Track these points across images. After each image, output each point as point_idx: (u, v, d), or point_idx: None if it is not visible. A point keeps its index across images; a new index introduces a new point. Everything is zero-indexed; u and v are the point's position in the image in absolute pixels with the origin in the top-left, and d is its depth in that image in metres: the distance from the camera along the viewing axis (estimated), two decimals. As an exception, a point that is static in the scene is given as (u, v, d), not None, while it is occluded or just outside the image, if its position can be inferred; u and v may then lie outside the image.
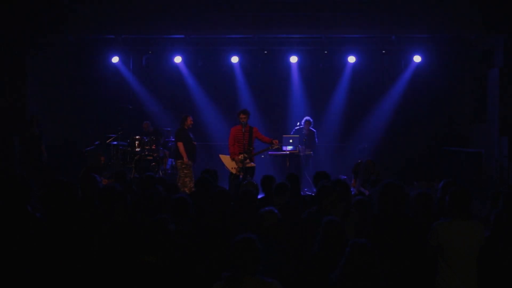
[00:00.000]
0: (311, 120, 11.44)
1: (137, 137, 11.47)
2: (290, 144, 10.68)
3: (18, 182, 3.90)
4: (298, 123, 11.48)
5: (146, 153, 11.18)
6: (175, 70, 13.14)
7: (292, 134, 11.15)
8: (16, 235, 3.80)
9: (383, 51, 12.59)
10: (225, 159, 9.36)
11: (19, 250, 3.79)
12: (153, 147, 11.36)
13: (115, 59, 12.85)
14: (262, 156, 10.81)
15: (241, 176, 9.02)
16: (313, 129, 11.43)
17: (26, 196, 3.97)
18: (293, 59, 12.70)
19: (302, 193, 7.68)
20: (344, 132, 13.11)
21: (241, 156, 9.04)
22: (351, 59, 12.60)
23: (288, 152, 10.81)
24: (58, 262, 4.09)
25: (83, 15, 10.90)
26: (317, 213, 4.71)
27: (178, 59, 12.84)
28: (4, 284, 3.74)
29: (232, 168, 9.23)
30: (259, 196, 5.92)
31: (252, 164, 9.23)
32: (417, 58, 12.50)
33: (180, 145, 9.60)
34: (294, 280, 3.81)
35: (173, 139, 11.92)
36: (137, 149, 11.34)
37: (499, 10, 10.49)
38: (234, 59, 12.80)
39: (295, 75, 13.15)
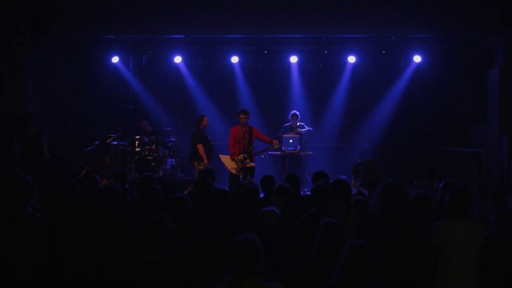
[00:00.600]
0: (298, 113, 11.23)
1: (137, 137, 11.49)
2: (290, 145, 10.67)
3: (18, 181, 3.89)
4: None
5: (146, 153, 11.18)
6: (175, 70, 13.14)
7: (282, 131, 11.09)
8: (15, 235, 3.80)
9: (383, 51, 12.60)
10: (225, 159, 9.37)
11: (18, 250, 3.79)
12: (153, 147, 11.38)
13: (115, 59, 12.86)
14: (262, 156, 10.81)
15: (241, 176, 9.02)
16: (301, 123, 11.27)
17: (26, 196, 3.96)
18: (293, 59, 12.70)
19: (302, 193, 7.67)
20: (344, 132, 13.13)
21: (241, 156, 9.04)
22: (351, 59, 12.61)
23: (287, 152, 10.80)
24: (58, 262, 4.09)
25: (83, 15, 10.90)
26: (317, 214, 4.70)
27: (178, 59, 12.85)
28: (4, 284, 3.74)
29: (232, 168, 9.23)
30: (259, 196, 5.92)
31: (252, 164, 9.23)
32: (417, 58, 12.51)
33: (200, 147, 9.59)
34: (293, 281, 3.81)
35: (173, 139, 11.94)
36: (137, 149, 11.36)
37: (499, 10, 10.49)
38: (234, 59, 12.81)
39: (295, 75, 13.15)
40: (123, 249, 4.11)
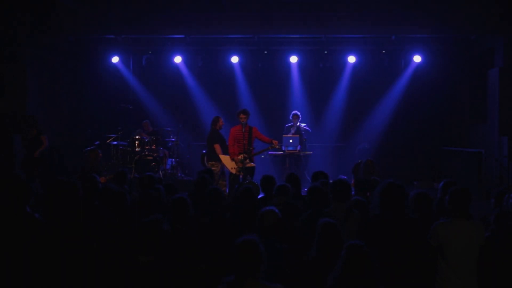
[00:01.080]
0: (299, 113, 11.17)
1: (137, 137, 11.50)
2: (290, 145, 10.67)
3: (17, 182, 3.89)
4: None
5: (146, 153, 11.19)
6: (175, 70, 13.15)
7: (284, 132, 11.08)
8: (15, 236, 3.80)
9: (383, 51, 12.61)
10: (225, 159, 9.36)
11: (18, 251, 3.79)
12: (153, 147, 11.38)
13: (115, 59, 12.87)
14: (262, 156, 10.80)
15: (241, 176, 9.02)
16: (302, 123, 11.21)
17: (25, 196, 3.96)
18: (293, 59, 12.71)
19: (302, 193, 7.67)
20: (344, 132, 13.14)
21: (241, 156, 9.03)
22: (351, 59, 12.62)
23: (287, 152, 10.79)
24: (58, 262, 4.08)
25: (83, 15, 10.90)
26: (313, 215, 4.68)
27: (178, 59, 12.86)
28: (4, 284, 3.74)
29: (232, 168, 9.22)
30: (259, 196, 5.91)
31: (252, 164, 9.22)
32: (417, 58, 12.52)
33: (217, 147, 9.57)
34: (293, 281, 3.81)
35: (173, 139, 11.95)
36: (137, 149, 11.36)
37: (499, 10, 10.49)
38: (234, 59, 12.81)
39: (295, 75, 13.16)
40: (123, 249, 4.11)
